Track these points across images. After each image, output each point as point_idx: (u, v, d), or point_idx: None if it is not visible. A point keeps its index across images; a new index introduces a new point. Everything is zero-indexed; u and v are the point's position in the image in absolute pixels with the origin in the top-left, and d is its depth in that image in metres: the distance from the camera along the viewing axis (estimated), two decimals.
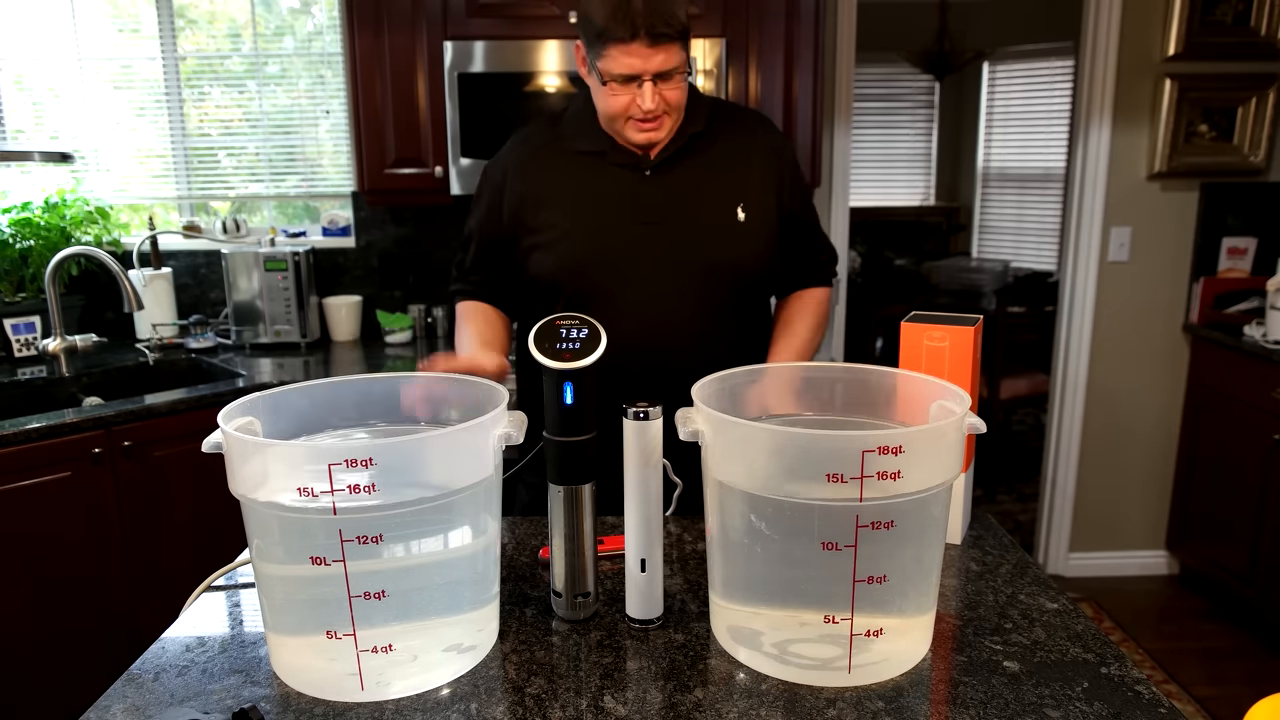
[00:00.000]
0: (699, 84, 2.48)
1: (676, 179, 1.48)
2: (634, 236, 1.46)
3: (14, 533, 2.00)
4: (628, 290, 1.45)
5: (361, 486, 0.79)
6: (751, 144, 1.55)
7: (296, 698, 0.86)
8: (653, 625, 0.98)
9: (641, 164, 1.48)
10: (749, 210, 1.50)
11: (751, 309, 1.55)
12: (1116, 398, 3.25)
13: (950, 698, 0.85)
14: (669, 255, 1.46)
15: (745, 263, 1.49)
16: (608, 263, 1.46)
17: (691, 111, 1.50)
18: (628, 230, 1.46)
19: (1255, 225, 3.10)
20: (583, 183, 1.49)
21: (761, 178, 1.52)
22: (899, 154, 6.45)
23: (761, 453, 0.85)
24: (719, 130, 1.53)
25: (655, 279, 1.46)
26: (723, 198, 1.49)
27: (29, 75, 2.93)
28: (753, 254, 1.50)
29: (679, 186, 1.48)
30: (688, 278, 1.46)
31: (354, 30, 2.53)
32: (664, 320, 1.45)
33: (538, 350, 0.93)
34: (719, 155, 1.51)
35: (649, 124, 1.42)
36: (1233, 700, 2.56)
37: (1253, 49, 2.97)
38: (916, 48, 5.84)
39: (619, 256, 1.46)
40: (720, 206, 1.49)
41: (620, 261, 1.46)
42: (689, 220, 1.47)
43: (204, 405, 2.27)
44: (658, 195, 1.47)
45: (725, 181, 1.50)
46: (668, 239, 1.46)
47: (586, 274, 1.46)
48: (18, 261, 2.75)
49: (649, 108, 1.39)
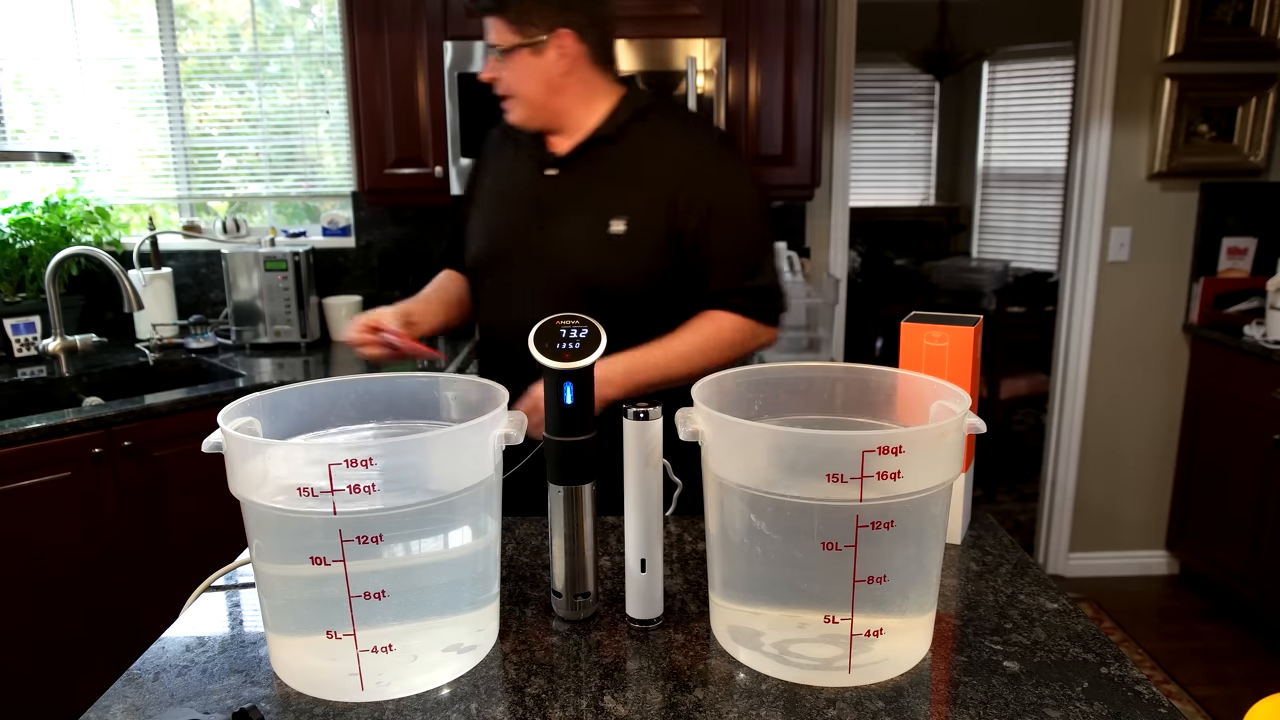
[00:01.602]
0: (699, 84, 2.48)
1: (569, 183, 1.46)
2: (523, 234, 1.47)
3: (14, 533, 2.00)
4: (511, 284, 1.48)
5: (362, 486, 0.79)
6: (661, 155, 1.46)
7: (296, 698, 0.86)
8: (653, 625, 0.98)
9: (545, 162, 1.47)
10: (631, 224, 1.41)
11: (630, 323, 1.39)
12: (1116, 398, 3.25)
13: (950, 698, 0.85)
14: (545, 258, 1.45)
15: (610, 277, 1.42)
16: (499, 254, 1.50)
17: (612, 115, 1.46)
18: (520, 226, 1.48)
19: (1255, 225, 3.10)
20: (503, 169, 1.55)
21: (655, 192, 1.43)
22: (899, 154, 6.45)
23: (761, 452, 0.85)
24: (635, 138, 1.46)
25: (533, 279, 1.46)
26: (604, 208, 1.43)
27: (29, 75, 2.93)
28: (620, 269, 1.42)
29: (568, 191, 1.46)
30: (557, 284, 1.44)
31: (354, 30, 2.53)
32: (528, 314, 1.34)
33: (538, 350, 0.93)
34: (618, 164, 1.45)
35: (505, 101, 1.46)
36: (1233, 700, 2.56)
37: (1253, 49, 2.97)
38: (916, 48, 5.84)
39: (509, 249, 1.49)
40: (598, 217, 1.43)
41: (508, 254, 1.49)
42: (566, 226, 1.44)
43: (204, 405, 2.27)
44: (549, 197, 1.46)
45: (612, 191, 1.44)
46: (548, 243, 1.45)
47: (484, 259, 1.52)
48: (18, 261, 2.75)
49: (483, 76, 1.45)
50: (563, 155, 1.46)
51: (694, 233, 1.44)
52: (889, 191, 6.49)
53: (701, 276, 1.47)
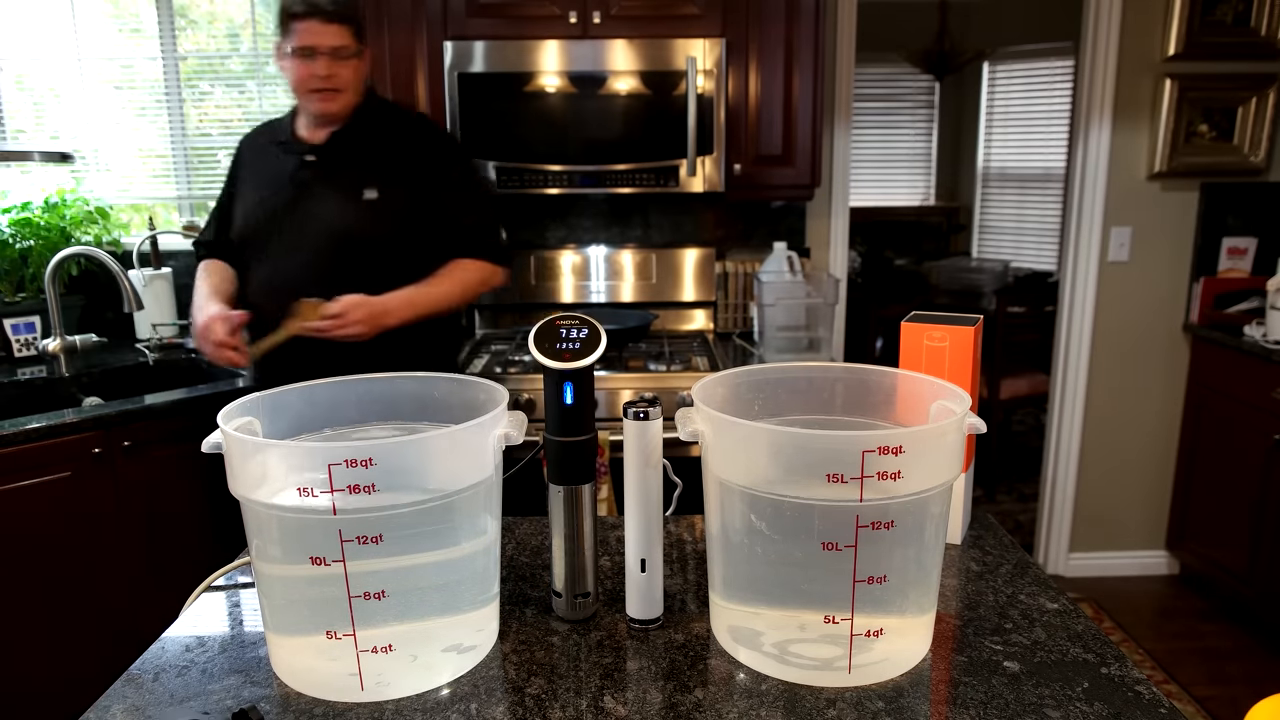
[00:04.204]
0: (699, 84, 2.48)
1: (325, 166, 1.89)
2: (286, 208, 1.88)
3: (14, 533, 2.00)
4: (275, 248, 1.88)
5: (361, 486, 0.79)
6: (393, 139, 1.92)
7: (296, 698, 0.86)
8: (653, 625, 0.98)
9: (304, 152, 1.90)
10: (381, 192, 1.87)
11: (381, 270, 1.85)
12: (1116, 398, 3.25)
13: (950, 698, 0.85)
14: (308, 224, 1.86)
15: (365, 232, 1.86)
16: (265, 227, 1.89)
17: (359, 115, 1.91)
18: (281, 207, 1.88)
19: (1255, 225, 3.10)
20: (266, 165, 1.94)
21: (407, 168, 1.90)
22: (899, 154, 6.44)
23: (761, 452, 0.85)
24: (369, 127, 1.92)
25: (296, 241, 1.86)
26: (355, 181, 1.87)
27: (29, 75, 2.93)
28: (370, 226, 1.86)
29: (324, 171, 1.89)
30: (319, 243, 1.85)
31: None
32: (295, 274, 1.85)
33: (537, 350, 0.93)
34: (362, 148, 1.91)
35: (325, 94, 1.82)
36: (1233, 700, 2.56)
37: (1253, 49, 2.97)
38: (916, 48, 5.84)
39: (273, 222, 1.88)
40: (351, 188, 1.87)
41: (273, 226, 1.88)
42: (327, 199, 1.87)
43: (204, 405, 2.27)
44: (307, 177, 1.89)
45: (367, 170, 1.88)
46: (309, 212, 1.87)
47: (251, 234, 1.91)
48: (18, 261, 2.75)
49: (323, 74, 1.79)
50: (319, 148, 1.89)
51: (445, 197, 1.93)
52: (889, 191, 6.48)
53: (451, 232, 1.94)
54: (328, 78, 1.81)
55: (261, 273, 1.92)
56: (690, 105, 2.46)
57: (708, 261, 2.98)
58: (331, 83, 1.81)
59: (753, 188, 2.68)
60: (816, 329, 2.67)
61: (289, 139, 1.93)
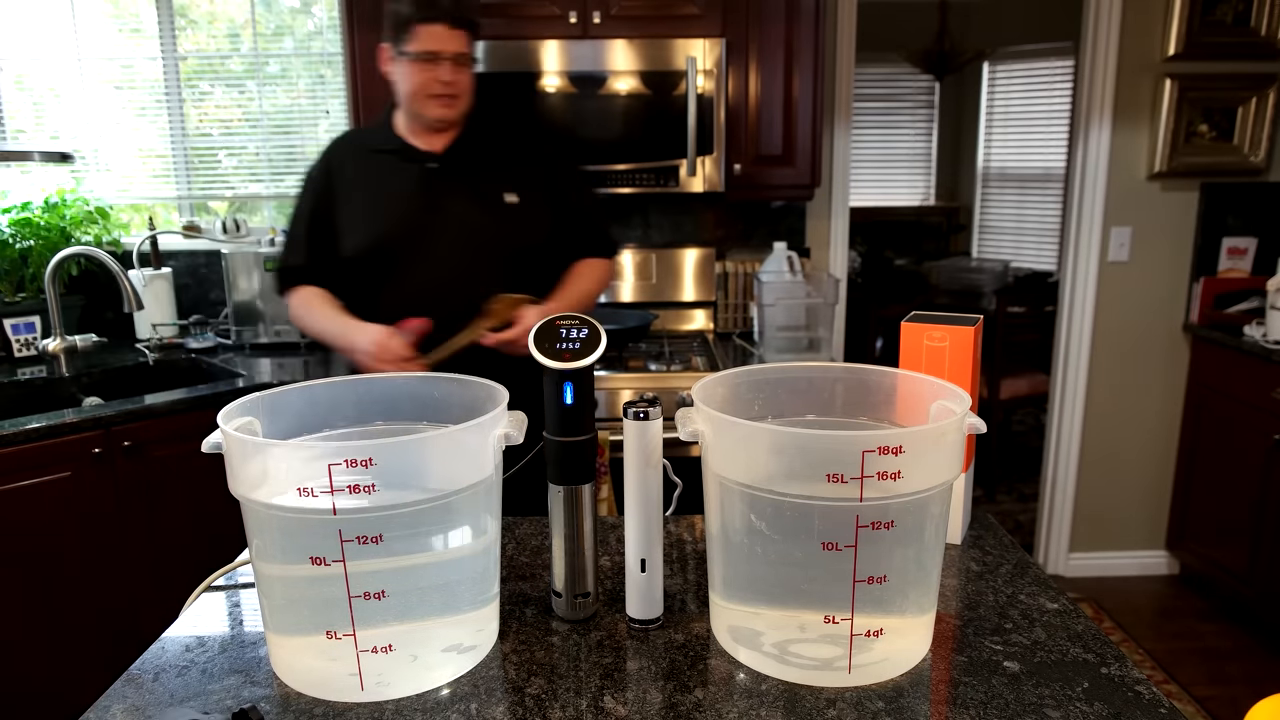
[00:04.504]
0: (699, 84, 2.48)
1: (453, 172, 1.81)
2: (421, 221, 1.78)
3: (14, 532, 2.00)
4: (417, 264, 1.77)
5: (361, 486, 0.79)
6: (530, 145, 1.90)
7: (296, 698, 0.86)
8: (653, 625, 0.98)
9: (427, 160, 1.81)
10: (520, 196, 1.82)
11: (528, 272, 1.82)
12: (1116, 397, 3.25)
13: (950, 698, 0.85)
14: (448, 233, 1.78)
15: (514, 237, 1.81)
16: (399, 238, 1.77)
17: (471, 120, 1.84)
18: (415, 216, 1.78)
19: (1255, 225, 3.10)
20: (378, 175, 1.82)
21: (533, 171, 1.86)
22: (899, 154, 6.44)
23: (762, 452, 0.85)
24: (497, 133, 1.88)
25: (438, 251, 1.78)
26: (495, 187, 1.82)
27: (29, 75, 2.93)
28: (519, 230, 1.82)
29: (454, 178, 1.81)
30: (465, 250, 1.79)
31: (354, 30, 2.53)
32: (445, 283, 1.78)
33: (538, 350, 0.93)
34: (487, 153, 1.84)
35: (445, 99, 1.75)
36: (1233, 700, 2.56)
37: (1253, 49, 2.97)
38: (916, 48, 5.84)
39: (408, 237, 1.77)
40: (493, 194, 1.81)
41: (409, 241, 1.77)
42: (466, 205, 1.80)
43: (204, 405, 2.27)
44: (440, 186, 1.80)
45: (497, 174, 1.83)
46: (449, 220, 1.79)
47: (382, 247, 1.78)
48: (18, 261, 2.75)
49: (448, 79, 1.72)
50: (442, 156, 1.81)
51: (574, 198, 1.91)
52: (889, 191, 6.48)
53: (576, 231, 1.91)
54: (450, 84, 1.73)
55: (406, 284, 1.79)
56: (690, 105, 2.46)
57: (708, 261, 2.98)
58: (452, 89, 1.75)
59: (753, 188, 2.68)
60: (816, 329, 2.67)
61: (401, 146, 1.82)
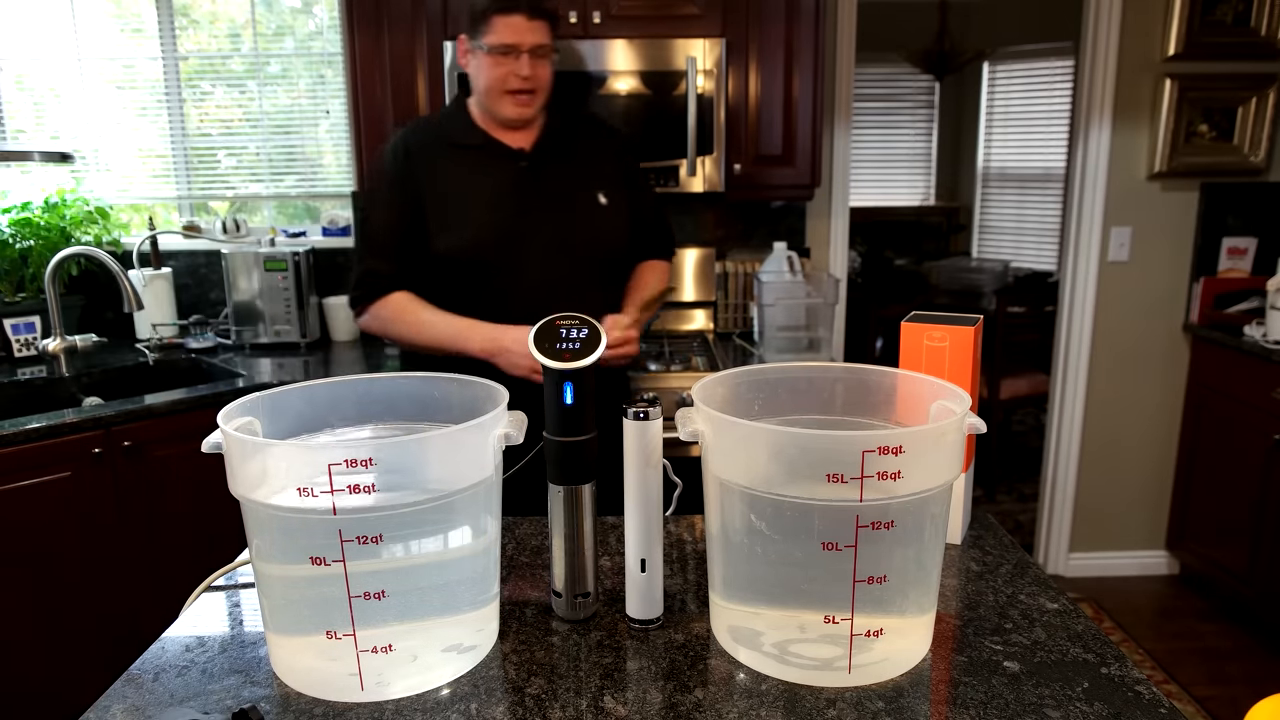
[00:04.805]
0: (699, 84, 2.48)
1: (548, 171, 1.74)
2: (518, 222, 1.70)
3: (14, 533, 2.00)
4: (517, 266, 1.69)
5: (361, 486, 0.79)
6: (605, 142, 1.84)
7: (296, 698, 0.86)
8: (653, 625, 0.98)
9: (517, 158, 1.73)
10: (609, 197, 1.76)
11: (614, 276, 1.81)
12: (1116, 397, 3.25)
13: (950, 698, 0.85)
14: (548, 236, 1.70)
15: (607, 239, 1.77)
16: (497, 245, 1.68)
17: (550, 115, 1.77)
18: (511, 217, 1.70)
19: (1255, 225, 3.10)
20: (467, 172, 1.71)
21: (614, 170, 1.81)
22: (899, 154, 6.44)
23: (761, 453, 0.85)
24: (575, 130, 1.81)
25: (539, 256, 1.70)
26: (587, 187, 1.76)
27: (29, 75, 2.93)
28: (612, 232, 1.77)
29: (550, 177, 1.74)
30: (565, 253, 1.71)
31: (354, 30, 2.53)
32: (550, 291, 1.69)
33: (537, 350, 0.93)
34: (579, 151, 1.79)
35: (523, 96, 1.66)
36: (1233, 700, 2.56)
37: (1253, 49, 2.97)
38: (916, 48, 5.84)
39: (507, 239, 1.68)
40: (585, 194, 1.75)
41: (507, 243, 1.69)
42: (561, 206, 1.73)
43: (204, 405, 2.27)
44: (533, 185, 1.72)
45: (586, 173, 1.77)
46: (546, 222, 1.71)
47: (481, 254, 1.69)
48: (18, 261, 2.75)
49: (526, 74, 1.63)
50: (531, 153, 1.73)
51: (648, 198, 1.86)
52: (889, 191, 6.48)
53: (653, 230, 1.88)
54: (529, 78, 1.64)
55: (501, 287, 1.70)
56: (690, 105, 2.46)
57: (708, 261, 2.98)
58: (531, 83, 1.65)
59: (753, 188, 2.68)
60: (816, 329, 2.67)
61: (486, 141, 1.72)
